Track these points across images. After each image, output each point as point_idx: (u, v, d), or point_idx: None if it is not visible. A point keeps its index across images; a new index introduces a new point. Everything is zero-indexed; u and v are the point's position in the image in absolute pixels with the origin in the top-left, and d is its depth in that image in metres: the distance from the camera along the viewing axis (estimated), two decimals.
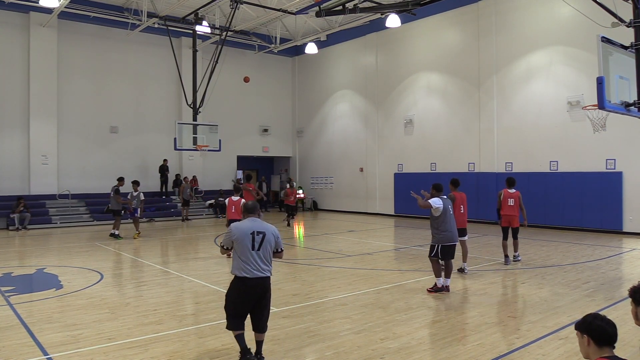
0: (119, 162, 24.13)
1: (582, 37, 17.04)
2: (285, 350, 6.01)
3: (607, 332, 3.09)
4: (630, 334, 6.32)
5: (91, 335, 6.62)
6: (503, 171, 19.84)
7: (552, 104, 18.45)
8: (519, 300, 8.40)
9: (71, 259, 12.83)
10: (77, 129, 23.30)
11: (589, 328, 3.13)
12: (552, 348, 6.03)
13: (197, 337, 6.57)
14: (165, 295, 8.85)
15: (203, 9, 21.68)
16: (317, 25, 24.92)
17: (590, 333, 3.12)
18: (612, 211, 16.94)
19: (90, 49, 23.73)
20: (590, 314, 3.25)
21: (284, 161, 31.70)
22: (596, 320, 3.14)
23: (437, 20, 22.43)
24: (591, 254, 13.02)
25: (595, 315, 3.21)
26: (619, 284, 9.49)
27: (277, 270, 11.08)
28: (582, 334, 3.17)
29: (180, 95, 24.24)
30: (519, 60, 19.56)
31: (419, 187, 21.12)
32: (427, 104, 22.99)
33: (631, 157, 16.54)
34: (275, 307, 7.91)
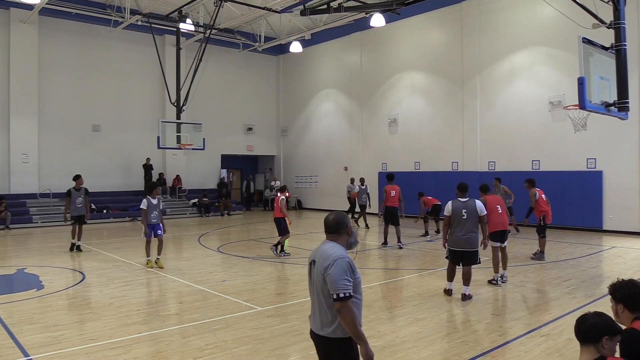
0: (101, 161, 23.90)
1: (563, 38, 17.25)
2: (270, 349, 6.01)
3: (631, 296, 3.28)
4: None
5: (73, 336, 6.54)
6: (486, 170, 20.03)
7: (534, 104, 18.66)
8: (502, 298, 8.48)
9: (52, 259, 12.66)
10: (58, 127, 23.00)
11: (624, 296, 3.31)
12: (534, 345, 6.11)
13: (181, 337, 6.54)
14: (149, 295, 8.79)
15: (187, 6, 21.52)
16: (302, 24, 24.90)
17: (625, 301, 3.30)
18: (592, 210, 17.19)
19: (72, 46, 23.44)
20: (622, 282, 3.40)
21: (268, 160, 31.63)
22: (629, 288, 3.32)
23: (421, 20, 22.55)
24: (572, 252, 13.20)
25: (628, 283, 3.36)
26: (599, 281, 9.63)
27: (261, 269, 11.08)
28: (617, 302, 3.35)
29: (163, 94, 24.06)
30: (501, 61, 19.75)
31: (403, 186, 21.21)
32: (411, 104, 23.11)
33: (611, 157, 16.79)
34: (260, 307, 7.91)
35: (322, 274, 3.39)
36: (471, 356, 5.74)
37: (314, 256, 3.58)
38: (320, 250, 3.55)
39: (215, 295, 8.70)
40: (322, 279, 3.40)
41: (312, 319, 3.58)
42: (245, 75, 29.25)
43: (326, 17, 23.53)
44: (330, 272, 3.34)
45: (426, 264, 11.76)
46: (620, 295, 3.36)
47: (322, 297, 3.44)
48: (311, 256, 3.64)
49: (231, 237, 17.38)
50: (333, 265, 3.36)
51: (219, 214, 25.41)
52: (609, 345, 2.90)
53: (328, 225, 3.64)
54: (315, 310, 3.52)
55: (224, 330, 6.75)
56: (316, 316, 3.50)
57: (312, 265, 3.57)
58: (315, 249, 3.63)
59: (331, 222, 3.64)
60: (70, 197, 13.66)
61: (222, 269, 11.36)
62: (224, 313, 7.58)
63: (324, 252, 3.48)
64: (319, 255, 3.52)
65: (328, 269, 3.35)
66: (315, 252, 3.61)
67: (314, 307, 3.54)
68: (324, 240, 3.64)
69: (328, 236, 3.64)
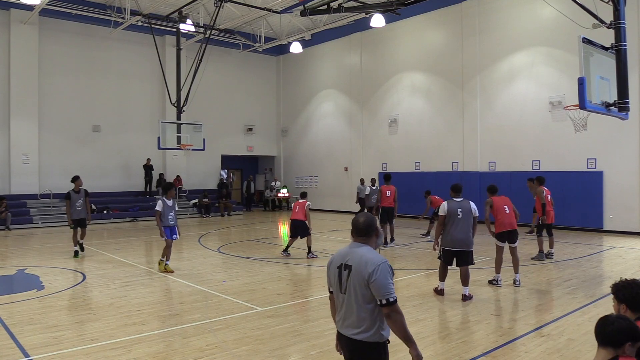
0: (102, 162, 23.91)
1: (563, 38, 17.25)
2: (270, 349, 6.00)
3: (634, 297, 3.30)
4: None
5: (73, 336, 6.55)
6: (486, 170, 20.04)
7: (534, 104, 18.66)
8: (502, 298, 8.48)
9: (53, 260, 12.66)
10: (58, 127, 23.02)
11: (627, 296, 3.32)
12: (535, 345, 6.11)
13: (181, 337, 6.53)
14: (149, 296, 8.79)
15: (187, 7, 21.53)
16: (302, 25, 24.90)
17: (627, 301, 3.32)
18: (593, 210, 17.19)
19: (72, 46, 23.45)
20: (625, 282, 3.41)
21: (268, 160, 31.64)
22: (632, 288, 3.33)
23: (421, 20, 22.55)
24: (572, 252, 13.20)
25: (631, 283, 3.38)
26: (600, 282, 9.63)
27: (262, 269, 11.07)
28: (620, 302, 3.36)
29: (164, 94, 24.07)
30: (501, 61, 19.75)
31: (403, 186, 21.18)
32: (411, 104, 23.11)
33: (612, 157, 16.79)
34: (260, 307, 7.91)
35: (366, 279, 3.33)
36: (472, 356, 5.74)
37: (345, 260, 3.49)
38: (356, 255, 3.46)
39: (215, 296, 8.70)
40: (364, 284, 3.34)
41: (343, 323, 3.49)
42: (246, 76, 29.26)
43: (326, 18, 23.54)
44: (376, 277, 3.31)
45: (427, 264, 11.76)
46: (623, 295, 3.36)
47: (361, 303, 3.38)
48: (337, 259, 3.56)
49: (231, 238, 17.38)
50: (378, 270, 3.32)
51: (219, 214, 25.41)
52: (630, 351, 2.83)
53: (359, 228, 3.56)
54: (349, 315, 3.45)
55: (224, 330, 6.75)
56: (351, 321, 3.43)
57: (341, 270, 3.49)
58: (344, 253, 3.55)
59: (362, 224, 3.56)
60: (69, 200, 12.98)
61: (222, 270, 11.36)
62: (224, 313, 7.58)
63: (362, 257, 3.41)
64: (355, 260, 3.43)
65: (374, 275, 3.31)
66: (345, 256, 3.52)
67: (347, 312, 3.46)
68: (354, 243, 3.56)
69: (358, 239, 3.56)
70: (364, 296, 3.36)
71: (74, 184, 13.12)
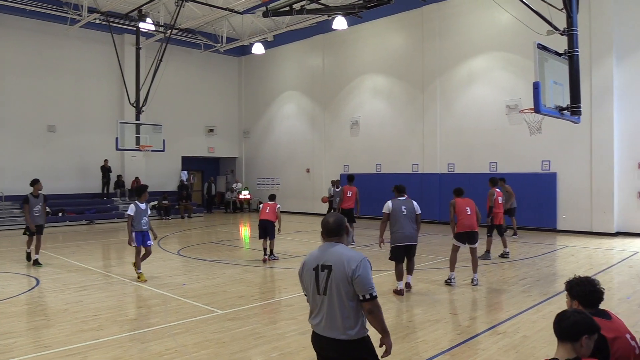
0: (57, 163, 23.18)
1: (519, 43, 17.74)
2: (230, 352, 5.95)
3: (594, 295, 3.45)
4: None
5: (26, 343, 6.33)
6: (445, 172, 20.42)
7: (492, 107, 19.12)
8: (460, 298, 8.64)
9: (4, 264, 12.20)
10: (11, 127, 22.18)
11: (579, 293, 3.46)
12: (491, 343, 6.25)
13: (140, 342, 6.40)
14: (106, 300, 8.58)
15: (147, 5, 21.15)
16: (264, 26, 24.80)
17: (579, 297, 3.46)
18: (547, 210, 17.73)
19: (27, 44, 22.65)
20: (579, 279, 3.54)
21: (230, 162, 31.36)
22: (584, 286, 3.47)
23: (383, 23, 22.80)
24: (527, 251, 13.57)
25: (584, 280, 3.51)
26: (554, 280, 9.93)
27: (222, 272, 10.97)
28: (573, 299, 3.51)
29: (122, 94, 23.54)
30: (460, 65, 20.16)
31: (364, 187, 21.35)
32: (373, 106, 23.33)
33: (565, 159, 17.36)
34: (220, 310, 7.83)
35: (350, 276, 3.38)
36: (430, 355, 5.83)
37: (322, 261, 3.51)
38: (333, 254, 3.50)
39: (175, 299, 8.56)
40: (348, 282, 3.39)
41: (326, 326, 3.47)
42: (207, 76, 28.94)
43: (289, 19, 23.53)
44: (360, 273, 3.39)
45: (387, 265, 11.85)
46: (575, 292, 3.49)
47: (345, 301, 3.41)
48: (311, 262, 3.57)
49: (192, 240, 17.15)
50: (361, 266, 3.41)
51: (179, 216, 25.04)
52: (587, 343, 2.90)
53: (330, 228, 3.62)
54: (332, 316, 3.44)
55: (183, 334, 6.65)
56: (335, 322, 3.44)
57: (318, 271, 3.50)
58: (317, 254, 3.58)
59: (333, 224, 3.63)
60: (28, 205, 11.91)
61: (182, 273, 11.20)
62: (183, 317, 7.47)
63: (342, 255, 3.47)
64: (333, 259, 3.47)
65: (357, 271, 3.39)
66: (319, 257, 3.55)
67: (330, 313, 3.45)
68: (327, 244, 3.60)
69: (330, 239, 3.62)
70: (347, 293, 3.41)
71: (32, 187, 12.07)
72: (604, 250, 13.70)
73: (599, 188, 16.62)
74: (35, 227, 11.94)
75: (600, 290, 3.48)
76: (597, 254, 13.11)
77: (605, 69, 16.39)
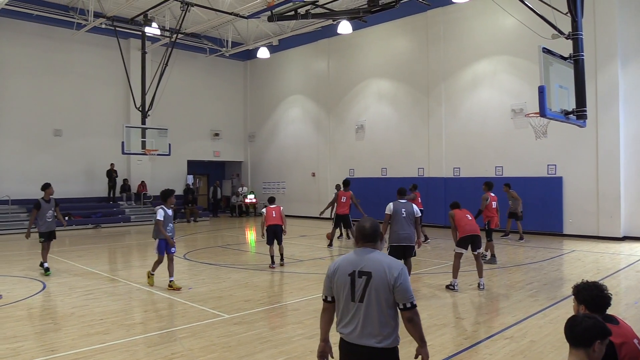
0: (63, 167, 23.29)
1: (524, 47, 17.71)
2: (237, 357, 5.95)
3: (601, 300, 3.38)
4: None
5: (32, 347, 6.35)
6: (451, 176, 20.39)
7: (497, 111, 19.09)
8: (467, 302, 8.62)
9: (11, 268, 12.26)
10: (17, 131, 22.33)
11: (586, 298, 3.40)
12: (498, 347, 6.23)
13: (146, 346, 6.42)
14: (113, 304, 8.60)
15: (153, 10, 21.26)
16: (269, 30, 24.88)
17: (586, 302, 3.40)
18: (553, 214, 17.65)
19: (33, 48, 22.83)
20: (585, 284, 3.48)
21: (235, 166, 31.43)
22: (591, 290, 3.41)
23: (387, 27, 22.83)
24: (534, 255, 13.52)
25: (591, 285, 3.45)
26: (560, 284, 9.89)
27: (228, 276, 10.98)
28: (580, 303, 3.44)
29: (128, 98, 23.67)
30: (465, 69, 20.15)
31: (370, 191, 21.39)
32: (378, 110, 23.34)
33: (571, 163, 17.30)
34: (227, 314, 7.84)
35: (392, 284, 3.32)
36: (441, 358, 5.81)
37: (359, 267, 3.40)
38: (373, 261, 3.41)
39: (181, 303, 8.58)
40: (389, 289, 3.33)
41: (361, 334, 3.36)
42: (212, 81, 29.04)
43: (293, 24, 23.58)
44: (402, 281, 3.34)
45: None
46: (582, 296, 3.46)
47: (384, 308, 3.34)
48: (346, 267, 3.45)
49: (198, 244, 17.18)
50: (402, 274, 3.36)
51: (185, 220, 25.10)
52: (600, 348, 2.83)
53: (367, 233, 3.53)
54: (369, 324, 3.35)
55: (190, 338, 6.66)
56: (372, 329, 3.34)
57: (355, 277, 3.39)
58: (353, 259, 3.47)
59: (369, 230, 3.53)
60: (38, 210, 11.38)
61: (188, 277, 11.21)
62: (190, 321, 7.49)
63: (382, 262, 3.40)
64: (373, 265, 3.38)
65: (399, 279, 3.33)
66: (356, 263, 3.43)
67: (366, 321, 3.35)
68: (363, 249, 3.50)
69: (366, 244, 3.52)
70: (387, 301, 3.34)
71: (44, 192, 11.54)
72: (610, 254, 13.63)
73: (606, 192, 16.54)
74: (47, 233, 11.54)
75: (608, 295, 3.46)
76: (604, 258, 13.05)
77: (611, 72, 16.34)
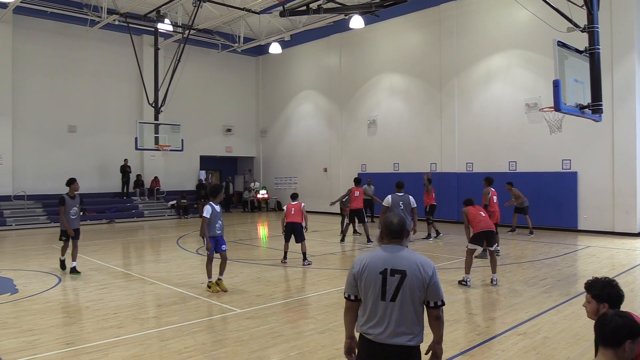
0: (78, 162, 23.52)
1: (539, 41, 17.52)
2: (249, 351, 5.98)
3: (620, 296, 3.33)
4: (585, 328, 6.54)
5: (48, 340, 6.43)
6: (464, 171, 20.26)
7: (511, 106, 18.92)
8: (479, 298, 8.57)
9: (27, 262, 12.43)
10: (33, 128, 22.59)
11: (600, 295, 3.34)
12: (511, 343, 6.19)
13: (159, 340, 6.46)
14: (126, 298, 8.68)
15: (165, 6, 21.35)
16: (281, 25, 24.86)
17: (600, 299, 3.34)
18: (567, 210, 17.48)
19: (48, 45, 23.04)
20: (598, 280, 3.42)
21: (247, 161, 31.51)
22: (606, 287, 3.35)
23: (400, 22, 22.70)
24: (548, 251, 13.41)
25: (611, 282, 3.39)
26: (575, 280, 9.80)
27: (241, 271, 11.02)
28: (601, 301, 3.36)
29: (141, 94, 23.82)
30: (479, 63, 19.98)
31: (382, 186, 21.38)
32: (390, 105, 23.24)
33: (586, 158, 17.10)
34: (239, 309, 7.87)
35: (427, 282, 3.27)
36: (450, 356, 5.78)
37: (391, 265, 3.31)
38: (406, 259, 3.33)
39: (194, 298, 8.63)
40: (423, 288, 3.28)
41: (392, 333, 3.28)
42: (224, 76, 29.11)
43: (305, 19, 23.55)
44: (435, 279, 3.31)
45: None
46: (606, 294, 3.33)
47: (417, 307, 3.30)
48: (377, 264, 3.35)
49: None
50: (435, 272, 3.33)
51: (197, 215, 25.21)
52: (631, 348, 2.69)
53: (395, 229, 3.45)
54: (402, 322, 3.28)
55: (202, 332, 6.70)
56: (404, 328, 3.28)
57: (386, 275, 3.29)
58: (385, 257, 3.37)
59: (397, 226, 3.46)
60: (64, 206, 10.73)
61: (200, 271, 11.25)
62: (202, 315, 7.53)
63: (415, 260, 3.33)
64: (406, 264, 3.30)
65: (434, 277, 3.30)
66: (387, 260, 3.34)
67: (399, 319, 3.28)
68: (393, 246, 3.42)
69: (393, 241, 3.44)
70: (420, 299, 3.31)
71: (68, 187, 10.90)
72: (626, 250, 13.48)
73: (621, 187, 16.34)
74: (72, 231, 10.90)
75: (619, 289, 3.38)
76: (619, 254, 12.91)
77: (627, 66, 16.11)
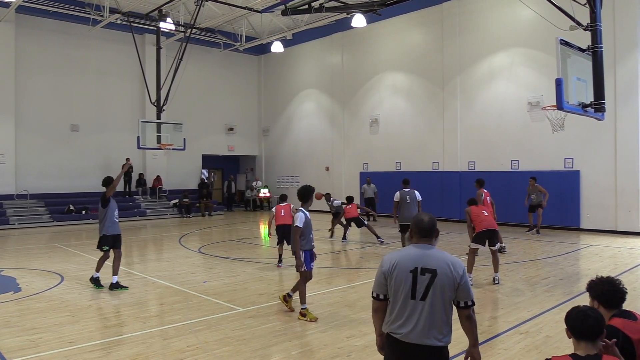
0: (80, 161, 23.58)
1: (541, 39, 17.49)
2: (251, 350, 5.99)
3: (616, 296, 3.35)
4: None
5: (51, 339, 6.45)
6: (466, 170, 20.23)
7: (513, 105, 18.89)
8: (481, 297, 8.57)
9: (30, 261, 12.46)
10: (35, 127, 22.63)
11: (597, 294, 3.38)
12: (514, 342, 6.19)
13: (162, 338, 6.48)
14: (128, 297, 8.69)
15: (167, 5, 21.35)
16: (283, 24, 24.86)
17: (599, 298, 3.37)
18: (570, 209, 17.46)
19: (50, 44, 23.08)
20: (598, 279, 3.44)
21: (249, 160, 31.53)
22: (604, 285, 3.38)
23: (402, 20, 22.67)
24: (550, 250, 13.39)
25: (603, 280, 3.41)
26: (577, 279, 9.79)
27: (243, 270, 11.03)
28: (592, 299, 3.41)
29: (143, 93, 23.84)
30: (481, 61, 19.95)
31: (385, 185, 21.37)
32: (393, 104, 23.22)
33: (588, 157, 17.07)
34: (241, 307, 7.88)
35: (458, 281, 3.27)
36: (453, 354, 5.75)
37: (422, 264, 3.28)
38: (436, 258, 3.31)
39: (196, 297, 8.64)
40: (454, 287, 3.28)
41: (422, 333, 3.24)
42: (227, 75, 29.11)
43: (307, 17, 23.53)
44: (466, 279, 3.31)
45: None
46: (594, 292, 3.41)
47: (447, 306, 3.30)
48: (407, 263, 3.31)
49: (212, 238, 17.29)
50: (465, 272, 3.33)
51: (199, 214, 25.25)
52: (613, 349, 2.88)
53: (425, 228, 3.41)
54: (433, 322, 3.25)
55: (205, 331, 6.71)
56: (434, 328, 3.25)
57: (417, 274, 3.26)
58: (415, 255, 3.33)
59: (428, 224, 3.42)
60: (106, 209, 9.27)
61: (203, 270, 11.29)
62: (205, 314, 7.54)
63: (445, 259, 3.30)
64: (437, 263, 3.27)
65: (464, 277, 3.30)
66: (418, 259, 3.31)
67: (430, 319, 3.25)
68: (423, 245, 3.39)
69: (423, 240, 3.40)
70: (450, 299, 3.30)
71: (106, 188, 9.34)
72: (629, 249, 13.45)
73: (624, 186, 16.31)
74: (113, 238, 9.41)
75: (622, 290, 3.39)
76: (622, 253, 12.89)
77: (630, 64, 16.06)
